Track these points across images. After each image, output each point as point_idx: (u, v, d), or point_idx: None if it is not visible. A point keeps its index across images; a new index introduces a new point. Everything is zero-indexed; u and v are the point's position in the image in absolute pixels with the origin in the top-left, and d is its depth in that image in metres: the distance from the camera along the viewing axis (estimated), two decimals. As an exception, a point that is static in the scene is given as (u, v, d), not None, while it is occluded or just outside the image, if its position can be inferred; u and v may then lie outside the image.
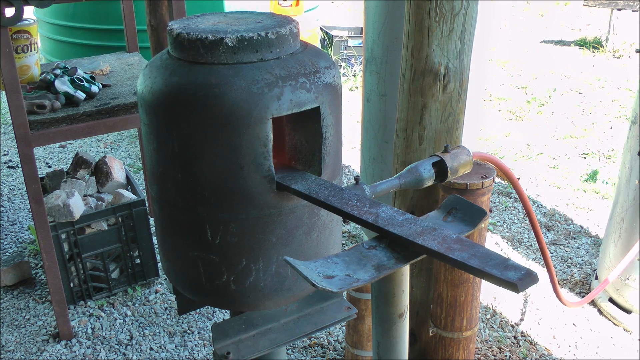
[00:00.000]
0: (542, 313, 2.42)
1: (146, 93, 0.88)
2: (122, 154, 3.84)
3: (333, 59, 1.76)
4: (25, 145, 1.92)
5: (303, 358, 2.21)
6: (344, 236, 2.91)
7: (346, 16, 6.95)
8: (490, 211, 2.95)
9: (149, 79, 0.88)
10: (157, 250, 1.99)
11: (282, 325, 1.09)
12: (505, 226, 3.03)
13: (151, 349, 2.24)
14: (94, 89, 2.15)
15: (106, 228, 2.37)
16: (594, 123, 4.24)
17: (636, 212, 2.18)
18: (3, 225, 3.04)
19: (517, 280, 0.59)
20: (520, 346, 2.26)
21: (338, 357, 2.21)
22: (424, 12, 1.40)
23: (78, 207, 2.27)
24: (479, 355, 2.21)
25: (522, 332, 2.33)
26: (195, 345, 2.26)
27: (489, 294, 2.50)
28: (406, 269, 1.22)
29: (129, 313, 2.41)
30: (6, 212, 3.17)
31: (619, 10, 5.62)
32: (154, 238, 2.50)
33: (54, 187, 2.48)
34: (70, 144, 3.97)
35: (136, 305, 2.46)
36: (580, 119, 4.32)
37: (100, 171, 2.57)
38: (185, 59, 0.87)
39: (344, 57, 5.07)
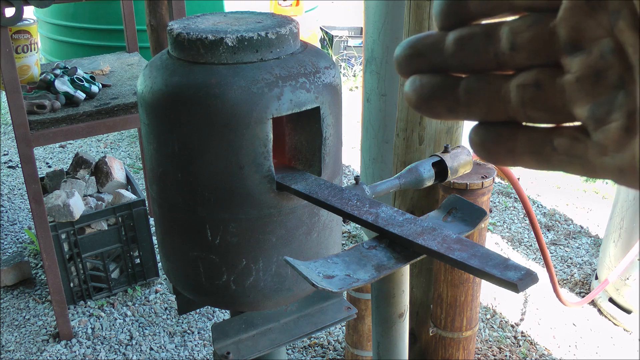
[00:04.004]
0: (542, 313, 2.42)
1: (146, 93, 0.88)
2: (122, 154, 3.84)
3: (333, 59, 1.76)
4: (25, 145, 1.92)
5: (303, 358, 2.21)
6: (344, 236, 2.91)
7: (346, 16, 6.95)
8: (490, 211, 2.95)
9: (148, 79, 0.88)
10: (157, 250, 1.99)
11: (282, 325, 1.09)
12: (505, 226, 3.03)
13: (151, 349, 2.24)
14: (94, 89, 2.15)
15: (106, 228, 2.38)
16: (594, 123, 4.24)
17: (636, 212, 2.18)
18: (3, 225, 3.04)
19: (517, 280, 0.59)
20: (520, 346, 2.26)
21: (338, 357, 2.21)
22: (424, 12, 1.40)
23: (78, 207, 2.27)
24: (479, 355, 2.21)
25: (522, 332, 2.33)
26: (195, 345, 2.26)
27: (489, 294, 2.50)
28: (406, 269, 1.23)
29: (129, 313, 2.41)
30: (6, 212, 3.17)
31: (619, 10, 5.62)
32: (154, 238, 2.50)
33: (54, 187, 2.48)
34: (70, 144, 3.97)
35: (136, 305, 2.46)
36: (580, 119, 4.32)
37: (100, 171, 2.57)
38: (185, 59, 0.87)
39: (344, 57, 5.07)
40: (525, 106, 0.31)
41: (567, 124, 0.31)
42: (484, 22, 0.32)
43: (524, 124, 0.32)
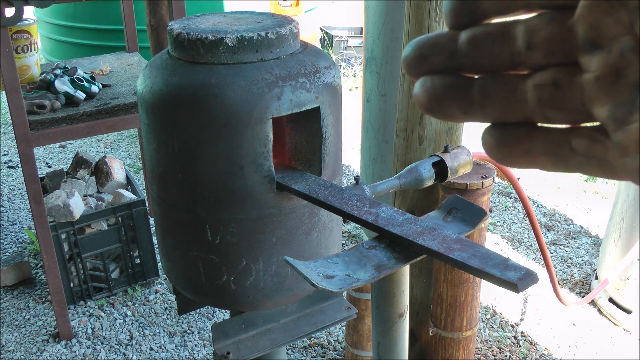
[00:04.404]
0: (542, 313, 2.42)
1: (146, 93, 0.88)
2: (122, 154, 3.84)
3: (333, 59, 1.76)
4: (25, 145, 1.92)
5: (303, 358, 2.21)
6: (344, 236, 2.91)
7: (346, 16, 6.94)
8: (490, 211, 2.95)
9: (149, 79, 0.88)
10: (157, 250, 1.99)
11: (282, 325, 1.09)
12: (505, 226, 3.03)
13: (151, 349, 2.24)
14: (94, 89, 2.15)
15: (106, 228, 2.38)
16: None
17: (636, 212, 2.18)
18: (3, 225, 3.04)
19: (517, 280, 0.59)
20: (520, 346, 2.26)
21: (338, 357, 2.21)
22: (424, 12, 1.40)
23: (78, 207, 2.27)
24: (479, 355, 2.21)
25: (522, 332, 2.33)
26: (195, 345, 2.26)
27: (489, 294, 2.50)
28: (406, 269, 1.23)
29: (129, 313, 2.41)
30: (6, 212, 3.17)
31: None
32: (154, 238, 2.50)
33: (54, 187, 2.48)
34: (70, 144, 3.97)
35: (136, 305, 2.46)
36: (580, 119, 4.32)
37: (100, 171, 2.57)
38: (185, 59, 0.87)
39: (344, 57, 5.07)
40: (543, 106, 0.30)
41: (585, 124, 0.30)
42: (495, 20, 0.31)
43: (539, 124, 0.31)
